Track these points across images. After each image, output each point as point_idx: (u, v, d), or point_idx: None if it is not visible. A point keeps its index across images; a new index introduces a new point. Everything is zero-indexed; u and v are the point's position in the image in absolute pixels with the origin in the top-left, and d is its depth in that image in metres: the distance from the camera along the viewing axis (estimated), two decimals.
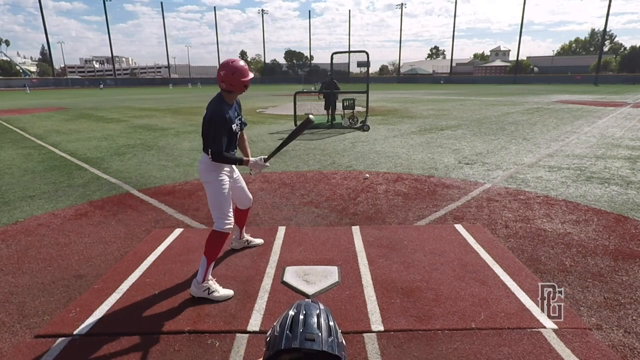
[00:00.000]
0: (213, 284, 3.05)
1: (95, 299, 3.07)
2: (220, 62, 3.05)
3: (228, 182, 3.16)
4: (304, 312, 1.39)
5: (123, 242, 4.17)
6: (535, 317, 2.77)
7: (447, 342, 2.55)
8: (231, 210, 3.16)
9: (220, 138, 2.91)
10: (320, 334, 1.33)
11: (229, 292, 3.10)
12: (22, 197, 5.83)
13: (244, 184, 3.54)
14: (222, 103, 2.99)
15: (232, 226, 3.12)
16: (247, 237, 3.98)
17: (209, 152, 2.92)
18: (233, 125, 3.04)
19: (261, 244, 4.00)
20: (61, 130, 13.30)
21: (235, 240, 3.92)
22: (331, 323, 1.38)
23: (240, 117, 3.20)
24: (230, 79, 2.91)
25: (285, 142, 3.26)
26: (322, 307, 1.43)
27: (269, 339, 1.37)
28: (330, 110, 13.70)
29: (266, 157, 3.23)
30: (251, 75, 2.99)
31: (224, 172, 3.14)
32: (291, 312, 1.39)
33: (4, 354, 2.49)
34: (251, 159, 3.19)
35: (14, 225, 4.69)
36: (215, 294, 3.02)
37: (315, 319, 1.37)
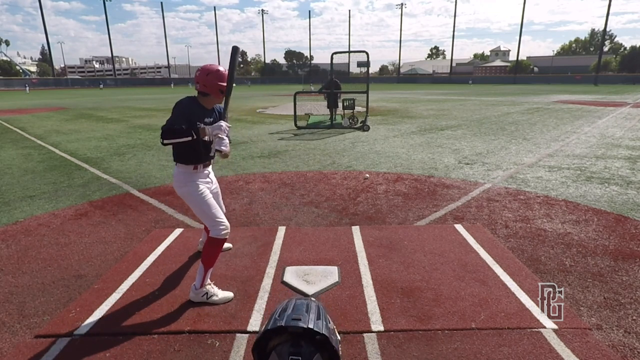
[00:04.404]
0: (211, 288, 3.03)
1: (95, 299, 3.07)
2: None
3: (206, 189, 3.04)
4: (294, 301, 1.41)
5: (123, 242, 4.17)
6: (535, 317, 2.77)
7: (447, 342, 2.55)
8: (221, 213, 3.06)
9: (174, 122, 2.73)
10: (307, 315, 1.34)
11: (229, 294, 3.08)
12: (22, 197, 5.83)
13: (220, 197, 3.42)
14: (191, 100, 2.90)
15: (228, 230, 3.00)
16: None
17: (161, 133, 2.69)
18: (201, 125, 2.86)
19: (230, 249, 3.92)
20: (61, 130, 13.30)
21: (202, 244, 3.82)
22: (322, 311, 1.39)
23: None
24: (204, 79, 2.86)
25: (230, 88, 2.96)
26: (313, 300, 1.44)
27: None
28: (331, 110, 13.70)
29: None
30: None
31: (201, 181, 3.03)
32: (282, 303, 1.41)
33: (4, 354, 2.49)
34: (207, 127, 2.84)
35: (14, 225, 4.69)
36: (214, 297, 3.00)
37: (304, 305, 1.39)
